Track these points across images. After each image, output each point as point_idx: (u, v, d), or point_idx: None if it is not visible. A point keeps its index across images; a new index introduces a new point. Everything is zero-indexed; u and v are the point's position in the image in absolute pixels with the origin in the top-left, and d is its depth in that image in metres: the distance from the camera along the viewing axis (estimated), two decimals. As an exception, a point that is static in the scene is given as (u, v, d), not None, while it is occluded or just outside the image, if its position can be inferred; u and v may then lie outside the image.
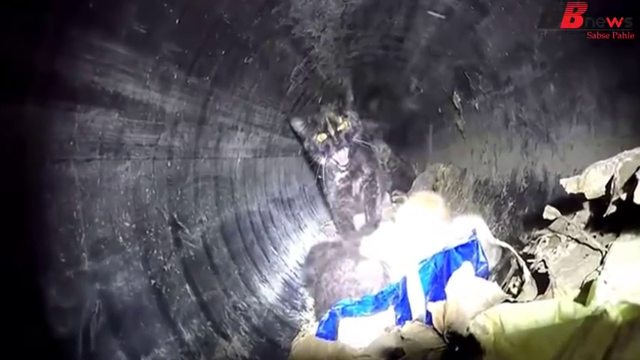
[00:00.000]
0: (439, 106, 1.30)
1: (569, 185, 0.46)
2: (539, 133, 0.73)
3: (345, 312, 0.69)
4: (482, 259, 0.59)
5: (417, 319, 0.60)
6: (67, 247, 0.44)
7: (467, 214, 0.95)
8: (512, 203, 0.81)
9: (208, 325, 0.64)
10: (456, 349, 0.50)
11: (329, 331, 0.67)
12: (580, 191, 0.44)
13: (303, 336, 0.69)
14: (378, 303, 0.70)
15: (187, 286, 0.63)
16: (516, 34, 0.70)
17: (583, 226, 0.51)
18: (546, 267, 0.49)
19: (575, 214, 0.52)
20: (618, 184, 0.41)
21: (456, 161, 1.26)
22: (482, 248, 0.60)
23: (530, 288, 0.49)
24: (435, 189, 1.32)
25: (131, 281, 0.52)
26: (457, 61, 0.98)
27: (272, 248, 1.04)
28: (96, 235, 0.48)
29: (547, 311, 0.38)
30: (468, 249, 0.61)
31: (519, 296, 0.49)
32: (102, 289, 0.47)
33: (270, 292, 0.89)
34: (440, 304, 0.54)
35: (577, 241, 0.51)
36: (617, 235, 0.45)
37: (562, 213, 0.51)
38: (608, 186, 0.42)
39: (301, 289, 0.98)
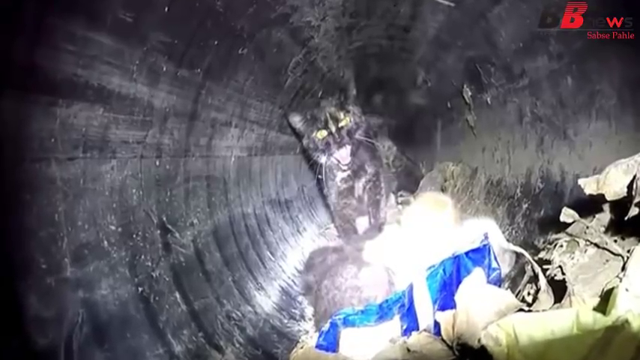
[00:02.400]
0: (448, 101, 1.30)
1: (588, 186, 0.46)
2: (555, 129, 0.73)
3: (346, 322, 0.69)
4: (494, 265, 0.59)
5: (425, 330, 0.60)
6: (47, 252, 0.44)
7: (478, 216, 0.95)
8: (526, 205, 0.81)
9: (200, 336, 0.64)
10: (467, 361, 0.50)
11: (330, 343, 0.67)
12: (600, 192, 0.44)
13: (301, 348, 0.69)
14: (383, 312, 0.70)
15: (177, 294, 0.63)
16: (531, 23, 0.69)
17: (603, 229, 0.51)
18: (563, 273, 0.49)
19: (594, 216, 0.52)
20: (641, 184, 0.41)
21: (466, 160, 1.26)
22: (494, 253, 0.60)
23: (546, 296, 0.49)
24: (443, 189, 1.32)
25: (117, 289, 0.52)
26: (467, 52, 0.98)
27: (268, 253, 1.04)
28: (79, 239, 0.48)
29: (564, 321, 0.38)
30: (480, 254, 0.61)
31: (534, 305, 0.49)
32: (85, 297, 0.47)
33: (266, 300, 0.89)
34: (449, 313, 0.54)
35: (596, 245, 0.50)
36: (640, 240, 0.45)
37: (580, 215, 0.51)
38: (630, 186, 0.42)
39: (300, 298, 0.98)
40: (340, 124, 1.09)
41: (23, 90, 0.41)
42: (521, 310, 0.48)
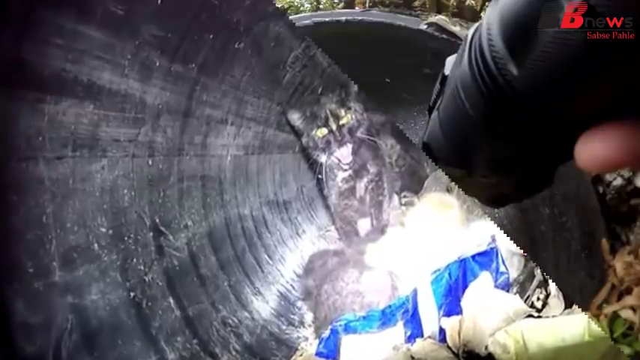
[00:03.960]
0: (454, 97, 1.29)
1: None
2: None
3: (348, 328, 0.69)
4: (502, 268, 0.59)
5: (430, 337, 0.60)
6: (35, 255, 0.44)
7: (485, 218, 0.95)
8: (536, 206, 0.81)
9: (194, 343, 0.64)
10: (473, 370, 0.50)
11: (330, 350, 0.67)
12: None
13: (301, 355, 0.69)
14: (386, 318, 0.70)
15: (171, 300, 0.63)
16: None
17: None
18: (574, 278, 0.49)
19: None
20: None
21: (473, 159, 1.26)
22: (502, 257, 0.60)
23: (556, 301, 0.49)
24: (449, 190, 1.32)
25: (107, 294, 0.52)
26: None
27: (266, 257, 1.04)
28: (68, 241, 0.48)
29: (575, 328, 0.38)
30: (487, 258, 0.61)
31: (544, 311, 0.49)
32: (75, 302, 0.47)
33: (264, 306, 0.89)
34: (455, 319, 0.54)
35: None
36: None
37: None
38: None
39: (299, 303, 0.98)
40: (341, 122, 1.09)
41: (9, 86, 0.41)
42: (530, 316, 0.48)
